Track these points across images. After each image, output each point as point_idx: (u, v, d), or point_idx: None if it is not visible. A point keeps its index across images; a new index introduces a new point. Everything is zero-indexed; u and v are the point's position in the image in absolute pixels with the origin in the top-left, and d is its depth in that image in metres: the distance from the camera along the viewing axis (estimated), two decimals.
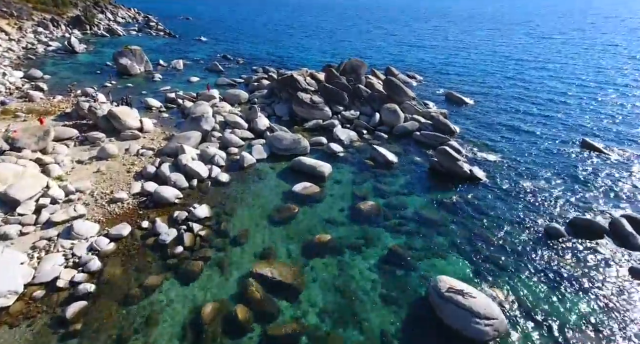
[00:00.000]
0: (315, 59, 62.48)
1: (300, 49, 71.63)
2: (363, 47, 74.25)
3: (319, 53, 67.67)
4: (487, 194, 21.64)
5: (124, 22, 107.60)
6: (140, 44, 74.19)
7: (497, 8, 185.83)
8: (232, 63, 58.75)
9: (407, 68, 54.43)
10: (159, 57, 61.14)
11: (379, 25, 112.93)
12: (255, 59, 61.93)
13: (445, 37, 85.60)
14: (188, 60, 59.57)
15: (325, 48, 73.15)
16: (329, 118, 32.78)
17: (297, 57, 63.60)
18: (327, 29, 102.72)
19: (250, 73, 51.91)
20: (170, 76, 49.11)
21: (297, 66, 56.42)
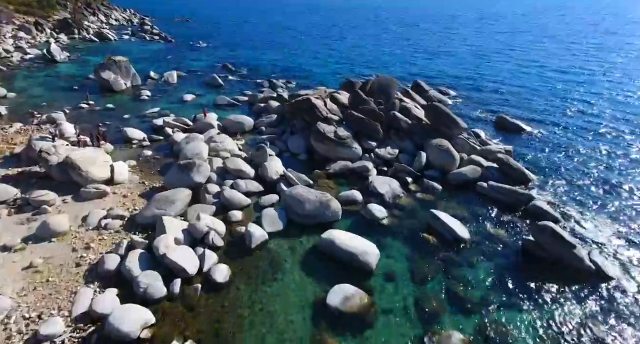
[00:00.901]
0: (326, 69, 54.74)
1: (308, 57, 63.85)
2: (376, 54, 66.46)
3: (330, 61, 59.91)
4: (629, 309, 13.96)
5: (118, 25, 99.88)
6: (132, 50, 66.86)
7: (509, 7, 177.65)
8: (233, 74, 51.02)
9: (432, 80, 46.76)
10: (150, 67, 53.46)
11: (387, 27, 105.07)
12: (260, 69, 54.23)
13: (464, 42, 77.75)
14: (184, 71, 51.87)
15: (336, 55, 65.37)
16: (359, 158, 25.13)
17: (306, 67, 55.88)
18: (336, 33, 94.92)
19: (255, 88, 44.23)
20: (161, 93, 41.39)
21: (307, 78, 48.80)
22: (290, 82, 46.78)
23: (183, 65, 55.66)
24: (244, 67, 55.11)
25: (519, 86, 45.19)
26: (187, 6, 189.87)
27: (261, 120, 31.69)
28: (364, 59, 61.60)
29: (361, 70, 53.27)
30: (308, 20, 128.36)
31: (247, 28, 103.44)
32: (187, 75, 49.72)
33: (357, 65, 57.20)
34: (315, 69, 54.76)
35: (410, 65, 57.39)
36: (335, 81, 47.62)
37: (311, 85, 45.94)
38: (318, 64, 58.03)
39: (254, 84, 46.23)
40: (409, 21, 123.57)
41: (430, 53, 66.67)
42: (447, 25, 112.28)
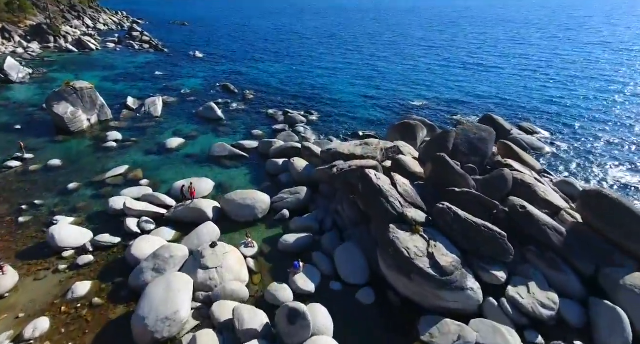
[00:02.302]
0: (351, 90, 42.70)
1: (325, 72, 51.76)
2: (402, 68, 54.35)
3: (352, 78, 47.84)
4: None
5: (106, 30, 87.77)
6: (114, 63, 54.78)
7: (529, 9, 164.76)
8: (236, 99, 39.02)
9: (498, 109, 34.86)
10: (130, 89, 41.52)
11: (405, 32, 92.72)
12: (269, 91, 42.24)
13: (505, 53, 65.49)
14: (173, 94, 39.94)
15: (357, 69, 53.21)
16: (477, 306, 13.27)
17: (325, 86, 43.87)
18: (350, 40, 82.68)
19: (266, 123, 32.30)
20: (136, 134, 29.40)
21: (331, 105, 36.85)
22: (310, 112, 34.79)
23: (173, 85, 43.69)
24: (249, 88, 43.14)
25: (617, 120, 33.22)
26: (185, 8, 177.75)
27: (282, 197, 19.69)
28: (392, 76, 49.57)
29: (394, 92, 41.35)
30: (316, 23, 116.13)
31: (249, 33, 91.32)
32: (177, 102, 37.73)
33: (386, 84, 45.23)
34: (337, 90, 42.77)
35: (445, 81, 45.35)
36: (368, 110, 35.82)
37: (340, 117, 34.11)
38: (339, 82, 46.03)
39: (264, 116, 34.25)
40: (434, 23, 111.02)
41: (467, 67, 54.50)
42: (483, 28, 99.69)
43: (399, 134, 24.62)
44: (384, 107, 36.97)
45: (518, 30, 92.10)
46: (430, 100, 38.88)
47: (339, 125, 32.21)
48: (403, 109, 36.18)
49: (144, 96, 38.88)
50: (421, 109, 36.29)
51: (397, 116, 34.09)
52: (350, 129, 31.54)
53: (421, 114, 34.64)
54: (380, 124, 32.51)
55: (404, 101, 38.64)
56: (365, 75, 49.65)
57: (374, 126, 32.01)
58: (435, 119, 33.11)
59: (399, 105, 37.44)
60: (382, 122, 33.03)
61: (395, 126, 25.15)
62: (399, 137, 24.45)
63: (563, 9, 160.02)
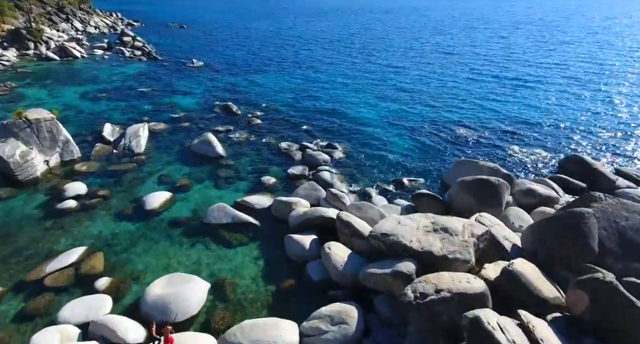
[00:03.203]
0: (375, 112, 35.06)
1: (340, 86, 44.10)
2: (426, 81, 46.77)
3: (374, 94, 40.25)
4: None
5: (97, 34, 79.88)
6: (98, 74, 46.89)
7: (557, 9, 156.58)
8: (239, 126, 31.32)
9: (555, 141, 27.35)
10: (110, 112, 33.86)
11: (418, 36, 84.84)
12: (278, 112, 34.61)
13: (539, 62, 57.78)
14: (162, 118, 32.33)
15: (378, 84, 45.57)
16: None
17: (345, 106, 36.27)
18: (360, 47, 74.96)
19: (278, 161, 24.72)
20: (107, 183, 21.70)
21: (358, 135, 29.18)
22: (333, 146, 27.15)
23: (164, 105, 36.06)
24: (254, 108, 35.56)
25: None
26: (185, 9, 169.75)
27: (318, 328, 11.73)
28: (418, 91, 41.97)
29: (426, 114, 33.76)
30: (321, 26, 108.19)
31: (251, 37, 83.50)
32: (167, 130, 30.10)
33: (413, 103, 37.67)
34: (358, 111, 35.20)
35: (489, 101, 37.69)
36: (403, 141, 28.32)
37: (371, 153, 26.53)
38: (358, 101, 38.41)
39: (275, 151, 26.63)
40: (445, 26, 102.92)
41: (510, 82, 46.84)
42: (500, 31, 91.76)
43: (471, 194, 17.09)
44: (421, 137, 29.39)
45: (540, 33, 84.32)
46: (472, 127, 31.30)
47: (373, 166, 24.62)
48: (444, 141, 28.61)
49: (126, 121, 31.33)
50: (466, 140, 28.68)
51: (441, 153, 26.53)
52: (389, 171, 23.99)
53: (470, 149, 27.10)
54: (424, 164, 24.93)
55: (441, 128, 31.09)
56: (386, 90, 41.93)
57: (419, 168, 24.43)
58: (496, 159, 25.56)
59: (437, 134, 29.87)
60: (426, 161, 25.43)
61: (465, 183, 17.53)
62: (473, 200, 16.95)
63: (577, 9, 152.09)
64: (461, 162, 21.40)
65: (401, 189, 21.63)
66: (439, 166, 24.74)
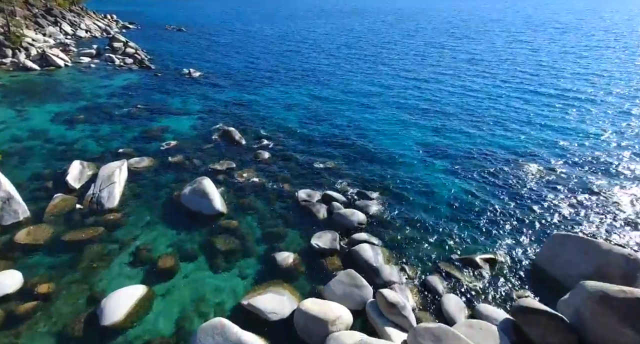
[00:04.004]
0: (410, 142, 28.37)
1: (358, 104, 37.44)
2: (456, 95, 40.13)
3: (404, 119, 33.66)
4: None
5: (87, 38, 73.00)
6: (80, 88, 39.15)
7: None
8: (243, 162, 24.58)
9: None
10: (84, 142, 27.09)
11: (432, 40, 77.78)
12: (290, 140, 27.88)
13: (578, 72, 51.20)
14: (148, 151, 25.69)
15: (401, 100, 38.97)
16: None
17: (369, 131, 29.64)
18: (372, 53, 68.13)
19: (296, 220, 17.98)
20: (55, 264, 14.82)
21: (391, 173, 21.93)
22: (366, 195, 20.43)
23: (153, 131, 29.37)
24: (261, 135, 28.98)
25: None
26: (184, 10, 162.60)
27: None
28: (451, 109, 35.40)
29: (470, 142, 27.21)
30: (325, 28, 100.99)
31: (253, 42, 76.68)
32: (151, 168, 23.44)
33: (449, 125, 31.15)
34: (387, 138, 28.68)
35: (545, 128, 31.14)
36: (452, 185, 21.47)
37: (418, 201, 19.90)
38: (385, 123, 31.86)
39: (291, 202, 20.04)
40: (457, 28, 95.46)
41: (557, 95, 40.18)
42: (519, 34, 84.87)
43: (628, 323, 10.53)
44: (474, 177, 22.82)
45: (563, 37, 77.49)
46: (538, 157, 24.74)
47: (423, 229, 18.04)
48: (510, 185, 22.00)
49: (102, 155, 24.80)
50: (541, 182, 21.97)
51: (510, 206, 19.86)
52: (445, 236, 17.43)
53: (552, 198, 20.39)
54: (492, 226, 18.26)
55: (496, 162, 24.52)
56: (410, 110, 35.19)
57: (485, 233, 17.83)
58: (606, 223, 18.95)
59: (494, 173, 23.28)
60: (495, 221, 18.72)
61: (612, 303, 10.79)
62: (632, 333, 10.42)
63: (588, 8, 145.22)
64: (563, 238, 14.76)
65: (477, 276, 15.08)
66: (515, 229, 18.13)
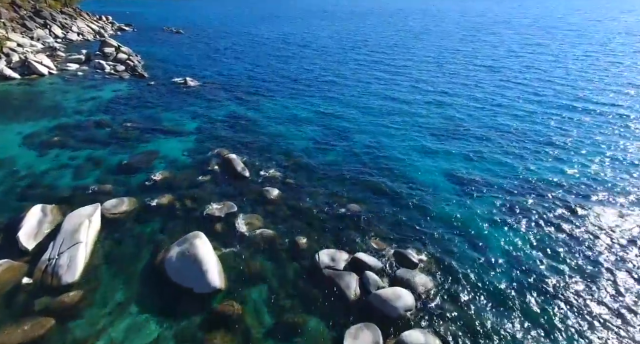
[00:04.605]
0: (443, 176, 23.45)
1: (373, 122, 32.64)
2: (484, 108, 35.44)
3: (427, 142, 28.88)
4: None
5: (80, 42, 68.00)
6: (61, 102, 32.67)
7: None
8: (246, 203, 19.52)
9: None
10: (53, 177, 22.01)
11: (443, 43, 72.82)
12: (304, 175, 22.79)
13: (621, 83, 46.38)
14: (128, 188, 20.86)
15: (421, 115, 34.22)
16: None
17: (391, 160, 24.79)
18: (381, 59, 63.39)
19: (317, 293, 13.04)
20: None
21: (426, 221, 16.68)
22: (406, 255, 15.69)
23: (139, 160, 24.47)
24: (267, 163, 24.09)
25: None
26: (183, 10, 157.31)
27: None
28: (486, 131, 30.72)
29: (519, 173, 22.46)
30: (328, 31, 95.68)
31: (254, 46, 71.66)
32: (132, 214, 18.51)
33: (488, 151, 26.40)
34: (414, 168, 23.93)
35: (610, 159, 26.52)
36: (506, 240, 16.37)
37: (474, 266, 15.10)
38: (409, 149, 27.07)
39: (310, 268, 15.23)
40: (466, 30, 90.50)
41: (601, 110, 35.64)
42: (536, 37, 79.91)
43: None
44: (526, 221, 18.07)
45: (582, 40, 72.57)
46: (606, 202, 19.96)
47: (490, 313, 13.35)
48: (576, 237, 17.25)
49: (74, 192, 20.01)
50: (620, 246, 17.29)
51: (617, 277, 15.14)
52: (518, 322, 12.71)
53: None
54: (581, 313, 13.62)
55: (550, 202, 19.74)
56: (438, 130, 30.09)
57: (579, 317, 13.15)
58: None
59: (548, 220, 18.50)
60: (581, 309, 14.09)
61: None
62: None
63: (596, 8, 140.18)
64: None
65: None
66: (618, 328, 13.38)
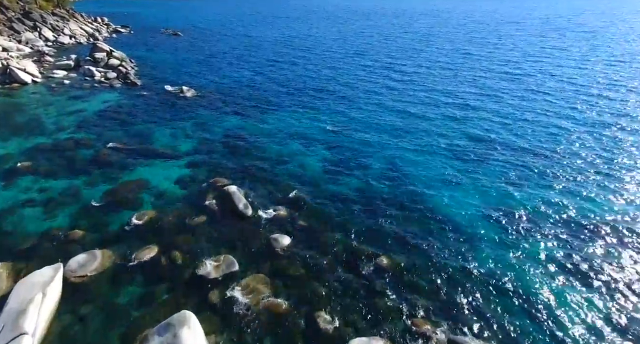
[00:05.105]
0: (483, 220, 19.46)
1: (391, 144, 28.63)
2: (519, 128, 31.45)
3: (460, 173, 24.87)
4: None
5: (72, 45, 63.84)
6: (41, 117, 27.72)
7: None
8: (250, 260, 15.31)
9: None
10: (17, 217, 17.76)
11: (454, 47, 68.80)
12: (319, 218, 18.75)
13: None
14: (103, 232, 16.76)
15: (447, 138, 30.22)
16: None
17: (429, 197, 20.74)
18: (391, 64, 59.13)
19: None
20: None
21: (471, 287, 12.81)
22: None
23: (121, 195, 20.35)
24: (273, 197, 20.09)
25: None
26: (182, 11, 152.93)
27: None
28: (524, 157, 26.74)
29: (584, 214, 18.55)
30: (332, 33, 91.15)
31: (254, 50, 67.41)
32: (105, 275, 14.57)
33: (532, 184, 22.48)
34: (453, 206, 19.97)
35: None
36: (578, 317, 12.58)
37: None
38: (443, 180, 23.15)
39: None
40: (474, 32, 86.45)
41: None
42: (555, 40, 75.75)
43: None
44: (601, 290, 14.14)
45: (600, 42, 68.35)
46: None
47: None
48: None
49: (40, 240, 15.99)
50: None
51: None
52: None
53: None
54: None
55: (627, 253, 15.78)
56: (466, 154, 25.89)
57: None
58: None
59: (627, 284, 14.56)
60: None
61: None
62: None
63: (602, 8, 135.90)
64: None
65: None
66: None
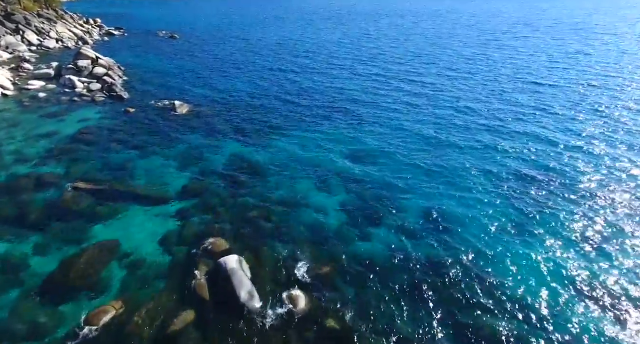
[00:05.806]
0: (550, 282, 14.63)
1: (415, 175, 23.60)
2: (568, 150, 26.46)
3: (507, 219, 19.83)
4: None
5: (57, 50, 58.37)
6: (4, 142, 25.39)
7: None
8: None
9: None
10: None
11: (465, 51, 63.64)
12: (361, 306, 13.93)
13: None
14: (43, 329, 11.91)
15: (480, 167, 25.06)
16: None
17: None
18: (403, 72, 53.91)
19: None
20: None
21: None
22: None
23: (80, 269, 15.16)
24: (288, 274, 15.06)
25: None
26: (180, 11, 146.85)
27: None
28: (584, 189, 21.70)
29: None
30: (335, 36, 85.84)
31: (258, 56, 61.83)
32: None
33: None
34: (506, 265, 14.90)
35: None
36: None
37: None
38: (485, 228, 18.08)
39: None
40: (487, 33, 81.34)
41: None
42: (578, 43, 70.59)
43: None
44: None
45: (619, 43, 63.16)
46: None
47: None
48: None
49: None
50: None
51: None
52: None
53: None
54: None
55: None
56: (516, 191, 20.93)
57: None
58: None
59: None
60: None
61: None
62: None
63: (605, 9, 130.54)
64: None
65: None
66: None
